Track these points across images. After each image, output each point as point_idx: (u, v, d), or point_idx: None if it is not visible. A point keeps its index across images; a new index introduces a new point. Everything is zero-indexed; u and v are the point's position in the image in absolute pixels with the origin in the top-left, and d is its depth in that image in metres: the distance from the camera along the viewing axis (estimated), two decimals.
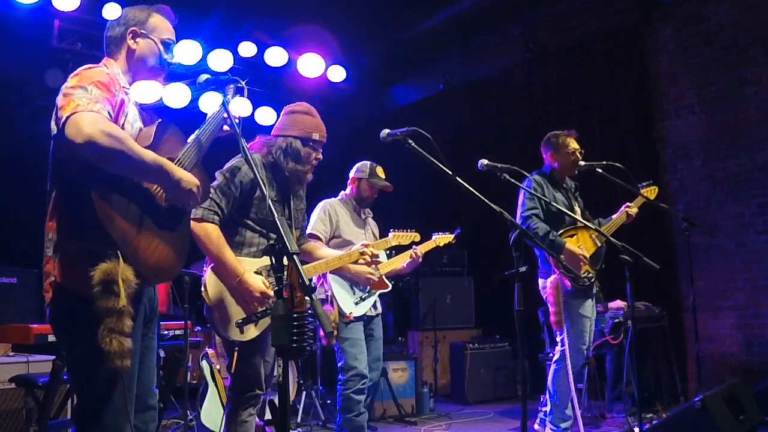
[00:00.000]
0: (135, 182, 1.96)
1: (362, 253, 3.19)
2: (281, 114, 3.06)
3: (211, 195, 2.65)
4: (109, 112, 1.89)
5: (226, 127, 2.31)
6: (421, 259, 3.90)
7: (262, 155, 2.90)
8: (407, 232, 3.81)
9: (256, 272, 2.73)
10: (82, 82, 1.90)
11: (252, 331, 2.70)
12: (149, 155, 1.91)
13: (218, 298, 2.67)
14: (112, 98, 1.95)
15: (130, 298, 1.81)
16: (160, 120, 2.11)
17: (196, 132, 2.22)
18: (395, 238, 3.76)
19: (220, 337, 2.81)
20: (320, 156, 3.01)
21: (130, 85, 2.15)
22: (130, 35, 2.14)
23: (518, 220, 3.81)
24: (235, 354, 2.73)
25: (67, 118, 1.79)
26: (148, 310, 2.11)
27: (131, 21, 2.16)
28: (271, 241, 1.87)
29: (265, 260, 2.77)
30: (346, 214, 3.84)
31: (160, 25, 2.19)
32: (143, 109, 2.21)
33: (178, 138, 2.13)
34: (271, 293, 2.63)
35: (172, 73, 2.24)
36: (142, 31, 2.15)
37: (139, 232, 1.91)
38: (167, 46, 2.19)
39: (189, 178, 2.00)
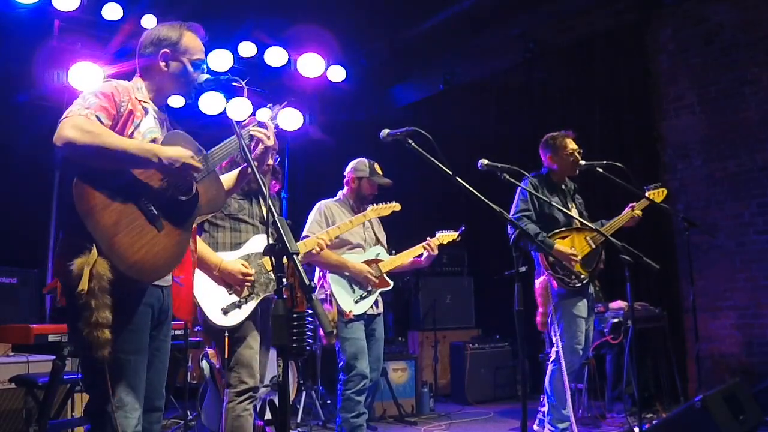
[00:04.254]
0: (133, 181, 1.99)
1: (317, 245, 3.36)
2: None
3: None
4: (99, 117, 1.96)
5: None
6: (436, 252, 3.82)
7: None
8: (386, 204, 3.78)
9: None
10: (86, 92, 2.03)
11: (237, 316, 2.83)
12: (132, 143, 1.98)
13: (202, 290, 2.83)
14: (114, 107, 2.03)
15: (102, 292, 1.85)
16: (169, 132, 2.17)
17: (215, 148, 2.26)
18: (373, 210, 3.73)
19: (207, 326, 2.91)
20: (270, 161, 3.13)
21: (154, 100, 2.21)
22: (161, 58, 2.19)
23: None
24: (226, 340, 2.85)
25: (58, 123, 1.91)
26: (156, 312, 2.12)
27: (163, 42, 2.20)
28: (271, 241, 1.87)
29: (241, 252, 2.96)
30: (343, 213, 3.81)
31: (192, 45, 2.22)
32: (173, 125, 2.29)
33: (190, 147, 2.15)
34: (252, 272, 2.82)
35: None
36: (174, 53, 2.19)
37: (125, 228, 1.93)
38: (197, 66, 2.22)
39: (180, 153, 2.01)
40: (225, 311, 2.81)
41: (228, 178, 2.48)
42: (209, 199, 2.22)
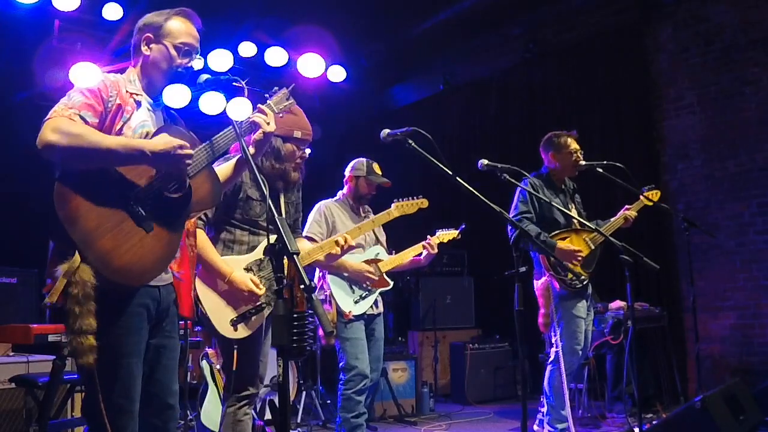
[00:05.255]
0: (119, 182, 1.96)
1: (336, 242, 3.22)
2: None
3: None
4: (83, 116, 1.94)
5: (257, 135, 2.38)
6: (436, 250, 3.76)
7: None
8: (412, 199, 3.65)
9: (245, 269, 2.81)
10: (74, 89, 2.01)
11: (246, 329, 2.77)
12: (116, 141, 1.93)
13: (211, 302, 2.75)
14: (100, 103, 2.00)
15: (86, 298, 1.82)
16: (162, 126, 2.12)
17: (216, 136, 2.19)
18: (398, 208, 3.61)
19: (217, 337, 2.86)
20: (305, 154, 3.09)
21: (147, 91, 2.18)
22: (144, 42, 2.18)
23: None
24: (235, 353, 2.77)
25: (41, 124, 1.89)
26: (153, 311, 2.08)
27: (147, 27, 2.19)
28: (271, 241, 1.86)
29: (254, 255, 2.88)
30: (343, 213, 3.81)
31: (176, 29, 2.18)
32: (171, 117, 2.25)
33: (184, 141, 2.10)
34: (259, 290, 2.74)
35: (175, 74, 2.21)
36: (156, 36, 2.17)
37: (109, 232, 1.90)
38: (181, 50, 2.17)
39: (166, 142, 1.96)
40: (234, 324, 2.75)
41: (225, 168, 2.41)
42: (205, 194, 2.15)
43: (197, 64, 2.21)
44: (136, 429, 1.98)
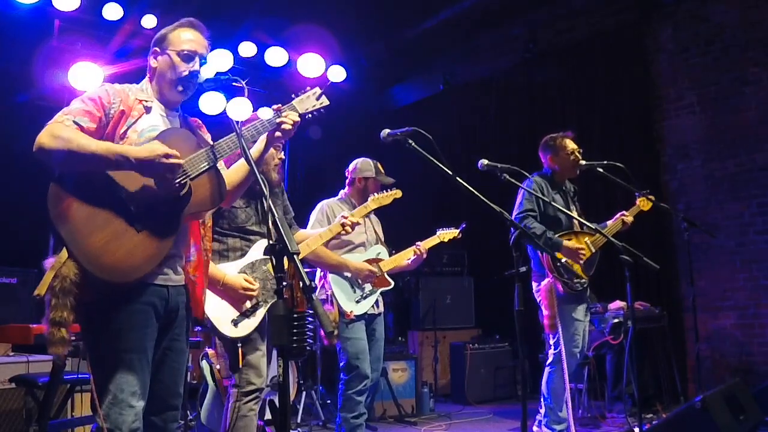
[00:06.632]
0: (112, 183, 1.99)
1: (343, 225, 3.29)
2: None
3: None
4: (78, 122, 1.99)
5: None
6: (425, 255, 3.83)
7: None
8: (386, 192, 3.70)
9: (239, 272, 2.89)
10: (75, 99, 2.08)
11: (247, 326, 2.84)
12: (101, 145, 1.97)
13: (211, 306, 2.80)
14: (99, 110, 2.06)
15: (63, 292, 1.89)
16: (166, 129, 2.14)
17: (221, 140, 2.19)
18: (374, 201, 3.65)
19: (220, 339, 2.91)
20: (282, 155, 3.14)
21: (160, 100, 2.23)
22: (152, 56, 2.26)
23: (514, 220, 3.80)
24: (240, 350, 2.84)
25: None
26: (161, 310, 2.09)
27: (154, 42, 2.28)
28: (272, 241, 1.86)
29: (246, 260, 2.95)
30: (344, 212, 3.82)
31: (178, 37, 2.24)
32: (189, 124, 2.29)
33: (188, 144, 2.11)
34: (253, 285, 2.84)
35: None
36: (161, 49, 2.24)
37: (98, 231, 1.94)
38: (181, 55, 2.21)
39: (151, 149, 1.97)
40: (235, 323, 2.82)
41: (237, 169, 2.37)
42: (205, 196, 2.15)
43: (204, 71, 2.23)
44: (140, 425, 1.99)
